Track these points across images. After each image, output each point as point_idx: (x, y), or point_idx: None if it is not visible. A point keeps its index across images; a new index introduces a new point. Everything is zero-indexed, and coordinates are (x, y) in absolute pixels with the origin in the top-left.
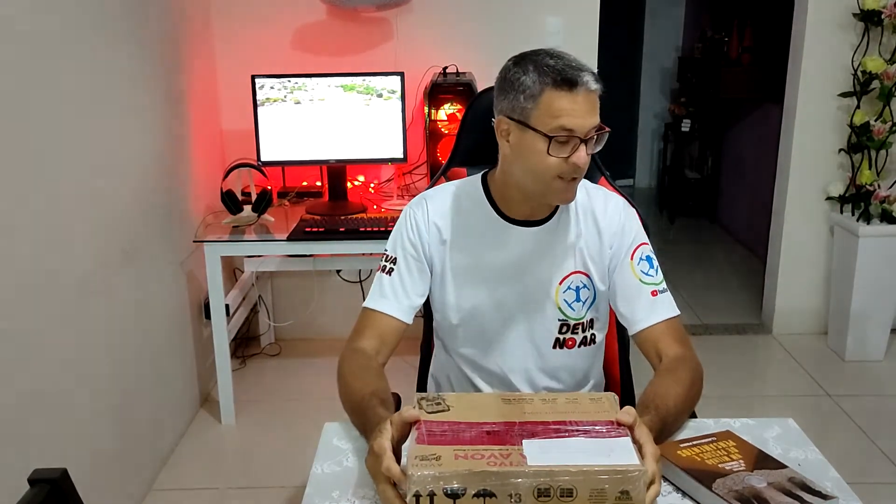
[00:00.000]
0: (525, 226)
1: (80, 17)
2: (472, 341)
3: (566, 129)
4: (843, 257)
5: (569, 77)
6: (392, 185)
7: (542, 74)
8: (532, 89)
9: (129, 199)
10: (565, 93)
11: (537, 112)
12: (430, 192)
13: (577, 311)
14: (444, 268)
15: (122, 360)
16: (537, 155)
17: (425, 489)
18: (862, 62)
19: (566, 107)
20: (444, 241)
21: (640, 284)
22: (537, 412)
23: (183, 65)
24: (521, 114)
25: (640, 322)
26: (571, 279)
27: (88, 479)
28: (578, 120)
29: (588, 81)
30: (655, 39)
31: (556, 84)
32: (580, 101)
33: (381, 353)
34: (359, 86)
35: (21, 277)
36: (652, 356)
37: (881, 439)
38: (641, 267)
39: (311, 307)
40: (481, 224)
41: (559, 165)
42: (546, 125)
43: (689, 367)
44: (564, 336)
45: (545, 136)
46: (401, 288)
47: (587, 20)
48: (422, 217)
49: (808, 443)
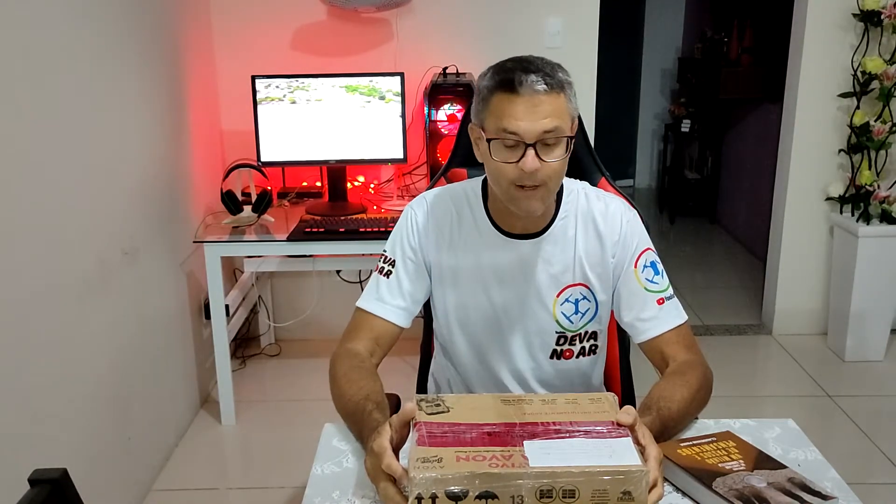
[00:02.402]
0: (521, 238)
1: (79, 17)
2: (469, 348)
3: (508, 131)
4: (843, 257)
5: (511, 78)
6: (392, 185)
7: (493, 77)
8: (483, 92)
9: (129, 199)
10: (508, 94)
11: (487, 114)
12: (431, 192)
13: (576, 323)
14: (442, 273)
15: (122, 360)
16: (490, 160)
17: (427, 491)
18: (862, 62)
19: (507, 109)
20: (443, 245)
21: (645, 293)
22: (537, 413)
23: (183, 65)
24: (478, 117)
25: (646, 332)
26: (570, 292)
27: (88, 479)
28: (522, 123)
29: (533, 83)
30: (655, 40)
31: (501, 85)
32: (524, 103)
33: (376, 354)
34: (362, 87)
35: (21, 277)
36: (659, 363)
37: (881, 439)
38: (646, 275)
39: (311, 307)
40: (480, 234)
41: (511, 171)
42: (493, 127)
43: (698, 372)
44: (562, 348)
45: (488, 140)
46: (398, 291)
47: (587, 20)
48: (422, 219)
49: (807, 443)
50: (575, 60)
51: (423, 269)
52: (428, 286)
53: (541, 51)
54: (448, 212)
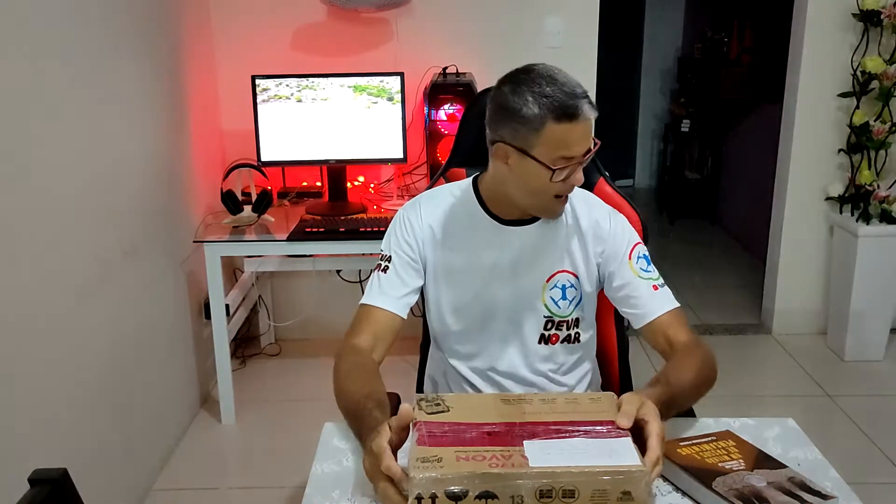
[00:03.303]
0: (515, 225)
1: (79, 17)
2: (462, 338)
3: (567, 157)
4: (843, 257)
5: (570, 112)
6: (392, 185)
7: (543, 107)
8: (534, 122)
9: (129, 199)
10: (566, 124)
11: (539, 143)
12: (423, 195)
13: (563, 308)
14: (436, 267)
15: (122, 360)
16: (538, 180)
17: (427, 491)
18: (861, 62)
19: (568, 138)
20: (437, 241)
21: (640, 280)
22: (537, 412)
23: (183, 65)
24: (524, 143)
25: (646, 315)
26: (558, 277)
27: (88, 479)
28: (578, 148)
29: (586, 111)
30: (655, 40)
31: (558, 118)
32: (580, 132)
33: (377, 349)
34: (370, 87)
35: (21, 278)
36: (662, 345)
37: (881, 439)
38: (640, 265)
39: (310, 307)
40: (473, 225)
41: (559, 187)
42: (548, 156)
43: (703, 351)
44: (549, 332)
45: (548, 168)
46: (397, 282)
47: (587, 20)
48: (415, 218)
49: (807, 443)
50: (575, 60)
51: (418, 264)
52: (422, 275)
53: (541, 50)
54: (442, 207)
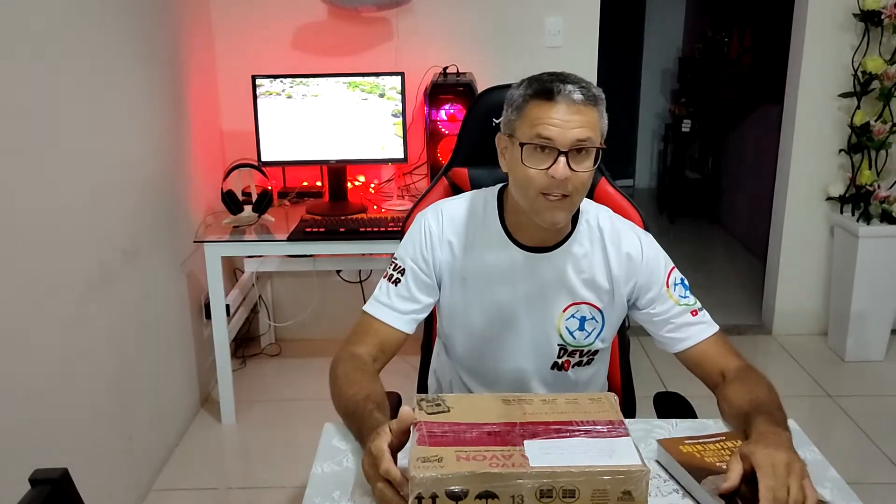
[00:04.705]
0: (534, 251)
1: (79, 17)
2: (472, 354)
3: (542, 136)
4: (843, 258)
5: (548, 87)
6: (392, 185)
7: (528, 86)
8: (517, 101)
9: (129, 199)
10: (544, 101)
11: (520, 123)
12: (447, 203)
13: (579, 339)
14: (452, 281)
15: (122, 360)
16: (520, 167)
17: (428, 491)
18: (862, 62)
19: (543, 115)
20: (455, 256)
21: (680, 308)
22: (537, 412)
23: (183, 65)
24: (509, 126)
25: (686, 340)
26: (575, 309)
27: (89, 479)
28: (556, 129)
29: (570, 91)
30: (656, 40)
31: (537, 93)
32: (560, 111)
33: (379, 360)
34: (363, 83)
35: (22, 278)
36: (713, 373)
37: (881, 439)
38: (678, 292)
39: (311, 307)
40: (493, 246)
41: (540, 179)
42: (525, 134)
43: (759, 373)
44: (562, 360)
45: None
46: (406, 299)
47: (587, 20)
48: (437, 231)
49: (808, 443)
50: (575, 60)
51: (433, 281)
52: (436, 295)
53: (541, 50)
54: (464, 221)
